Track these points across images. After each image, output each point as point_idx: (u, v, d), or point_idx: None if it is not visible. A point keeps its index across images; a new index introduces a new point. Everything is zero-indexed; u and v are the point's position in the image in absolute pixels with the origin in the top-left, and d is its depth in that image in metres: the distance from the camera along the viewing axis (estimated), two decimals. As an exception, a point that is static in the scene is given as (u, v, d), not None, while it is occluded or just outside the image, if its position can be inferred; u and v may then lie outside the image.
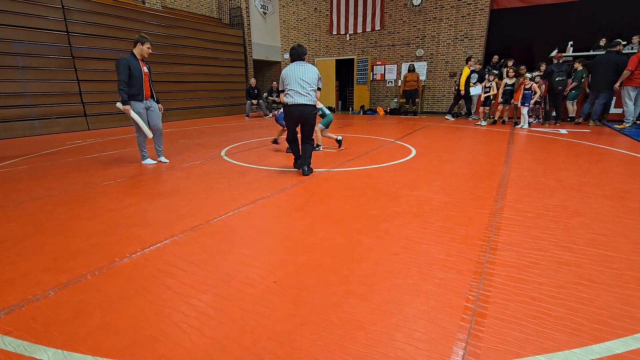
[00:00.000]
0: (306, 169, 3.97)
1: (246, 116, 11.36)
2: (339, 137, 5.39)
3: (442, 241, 2.23)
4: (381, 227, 2.47)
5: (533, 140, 6.06)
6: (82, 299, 1.66)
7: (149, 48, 4.35)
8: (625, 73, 6.63)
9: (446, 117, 10.19)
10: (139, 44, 4.28)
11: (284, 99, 3.90)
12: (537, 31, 12.37)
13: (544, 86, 7.93)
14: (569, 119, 8.65)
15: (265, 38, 13.94)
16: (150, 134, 4.43)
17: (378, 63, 12.83)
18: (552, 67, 7.71)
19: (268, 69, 15.24)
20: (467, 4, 10.92)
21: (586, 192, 3.19)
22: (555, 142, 5.89)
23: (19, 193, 3.39)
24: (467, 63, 9.50)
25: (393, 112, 12.33)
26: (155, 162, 4.70)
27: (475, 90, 9.96)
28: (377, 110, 12.59)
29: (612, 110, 8.52)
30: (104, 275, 1.87)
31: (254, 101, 11.28)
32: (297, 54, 3.90)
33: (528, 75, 7.32)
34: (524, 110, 7.48)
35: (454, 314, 1.50)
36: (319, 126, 5.30)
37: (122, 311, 1.57)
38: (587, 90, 8.09)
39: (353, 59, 13.22)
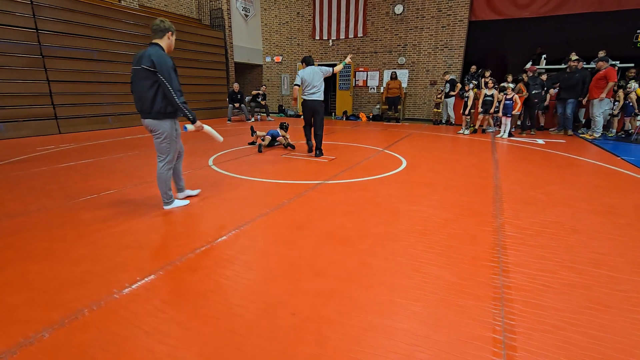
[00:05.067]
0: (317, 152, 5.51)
1: (228, 120, 11.11)
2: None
3: (452, 262, 2.22)
4: (389, 247, 2.43)
5: (515, 151, 6.27)
6: (82, 340, 1.51)
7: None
8: (610, 84, 7.01)
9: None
10: (169, 33, 2.87)
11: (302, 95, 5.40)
12: (511, 43, 12.93)
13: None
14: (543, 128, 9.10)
15: (246, 41, 13.72)
16: (221, 138, 3.24)
17: (360, 69, 12.93)
18: (528, 80, 8.04)
19: (249, 72, 15.01)
20: (447, 15, 11.22)
21: (575, 207, 3.31)
22: (535, 153, 6.12)
23: (-9, 209, 3.10)
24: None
25: (375, 118, 12.45)
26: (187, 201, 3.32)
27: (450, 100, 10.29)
28: (360, 116, 12.67)
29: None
30: (103, 310, 1.71)
31: (236, 104, 11.06)
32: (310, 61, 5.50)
33: (511, 85, 7.59)
34: (506, 121, 7.75)
35: (484, 347, 1.48)
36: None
37: (129, 354, 1.44)
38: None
39: (335, 64, 13.23)
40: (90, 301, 1.78)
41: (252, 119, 11.58)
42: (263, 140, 6.19)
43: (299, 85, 5.36)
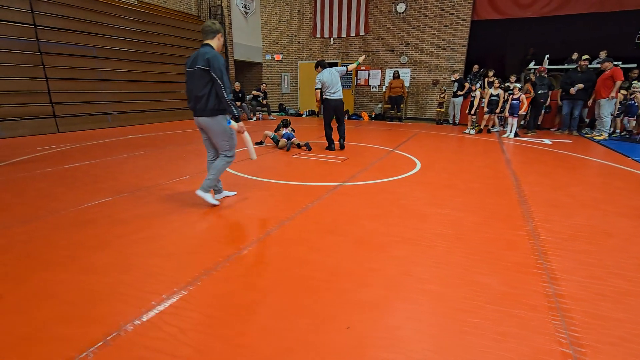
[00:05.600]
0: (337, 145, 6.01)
1: (229, 119, 10.94)
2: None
3: (496, 270, 2.15)
4: (427, 253, 2.36)
5: (525, 152, 6.25)
6: (130, 361, 1.40)
7: None
8: (618, 83, 7.03)
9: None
10: (219, 34, 2.96)
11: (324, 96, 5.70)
12: (513, 43, 12.95)
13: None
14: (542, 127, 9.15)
15: (246, 38, 13.54)
16: (255, 156, 3.34)
17: (362, 68, 12.84)
18: (536, 80, 8.04)
19: (249, 70, 14.82)
20: (450, 14, 11.19)
21: (603, 209, 3.27)
22: (546, 153, 6.11)
23: (2, 214, 2.95)
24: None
25: (377, 117, 12.39)
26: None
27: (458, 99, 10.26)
28: (362, 115, 12.60)
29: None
30: (145, 326, 1.60)
31: (238, 103, 10.91)
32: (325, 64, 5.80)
33: (518, 85, 7.58)
34: (512, 120, 7.74)
35: (558, 363, 1.41)
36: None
37: (184, 375, 1.34)
38: (559, 102, 8.58)
39: (337, 63, 13.14)
40: (129, 315, 1.67)
41: (254, 118, 11.44)
42: (285, 142, 6.06)
43: (320, 89, 5.73)
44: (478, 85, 8.84)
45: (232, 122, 2.97)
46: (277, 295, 1.87)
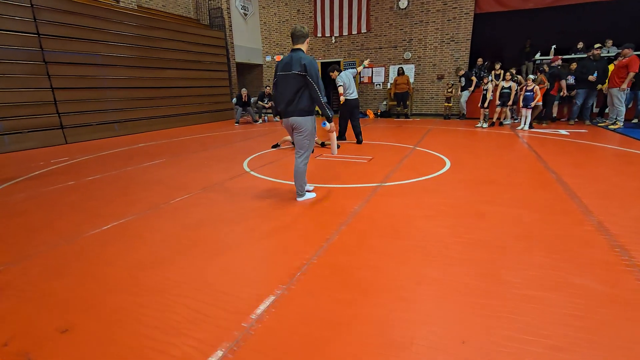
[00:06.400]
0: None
1: (236, 122, 10.79)
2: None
3: (585, 269, 2.06)
4: (505, 255, 2.26)
5: (546, 143, 6.19)
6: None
7: None
8: (631, 74, 6.98)
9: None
10: (308, 39, 3.16)
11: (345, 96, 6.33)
12: (516, 35, 12.95)
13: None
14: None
15: (246, 40, 13.38)
16: (336, 151, 3.76)
17: (366, 66, 12.74)
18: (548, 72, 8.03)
19: (249, 72, 14.64)
20: (453, 8, 11.14)
21: (656, 199, 3.21)
22: (568, 144, 6.06)
23: (41, 232, 2.79)
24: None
25: (383, 114, 12.31)
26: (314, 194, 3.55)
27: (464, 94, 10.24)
28: (367, 113, 12.51)
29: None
30: (245, 352, 1.48)
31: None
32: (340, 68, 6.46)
33: (531, 76, 7.54)
34: (526, 112, 7.70)
35: None
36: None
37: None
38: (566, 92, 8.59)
39: (339, 61, 13.04)
40: (222, 340, 1.54)
41: (260, 120, 11.29)
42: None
43: (342, 87, 6.32)
44: (490, 78, 8.79)
45: (327, 124, 3.21)
46: (371, 308, 1.76)
